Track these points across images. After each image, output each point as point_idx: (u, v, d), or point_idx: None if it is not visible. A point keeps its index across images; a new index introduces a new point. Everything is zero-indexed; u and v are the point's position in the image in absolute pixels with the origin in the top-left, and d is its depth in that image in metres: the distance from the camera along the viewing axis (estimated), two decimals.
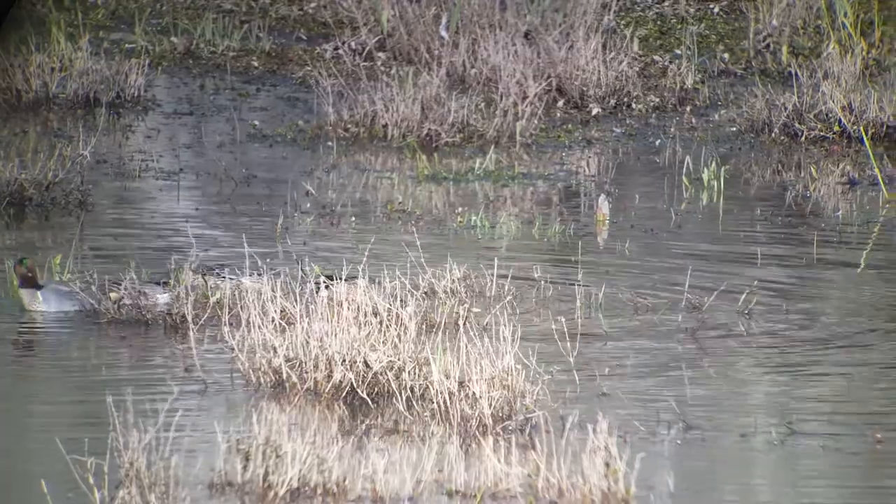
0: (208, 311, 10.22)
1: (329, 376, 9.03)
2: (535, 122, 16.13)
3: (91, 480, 7.51)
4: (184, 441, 8.19)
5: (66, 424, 8.55)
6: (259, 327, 9.18)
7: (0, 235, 12.53)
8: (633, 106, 16.80)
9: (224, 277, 10.46)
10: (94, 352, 9.83)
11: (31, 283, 10.49)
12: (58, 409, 8.85)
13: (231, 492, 7.60)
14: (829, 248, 12.69)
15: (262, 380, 9.14)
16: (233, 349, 9.26)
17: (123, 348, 9.88)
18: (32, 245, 12.18)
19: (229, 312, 9.94)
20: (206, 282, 10.47)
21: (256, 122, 16.38)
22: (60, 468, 7.81)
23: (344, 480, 7.62)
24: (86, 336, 10.11)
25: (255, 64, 17.50)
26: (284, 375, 9.08)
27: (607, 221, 13.38)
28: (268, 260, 11.13)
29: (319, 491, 7.59)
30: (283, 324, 9.35)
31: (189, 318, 9.92)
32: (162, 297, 10.29)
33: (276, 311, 9.43)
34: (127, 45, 17.42)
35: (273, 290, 9.65)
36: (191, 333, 9.77)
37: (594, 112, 16.72)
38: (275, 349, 9.08)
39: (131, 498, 7.43)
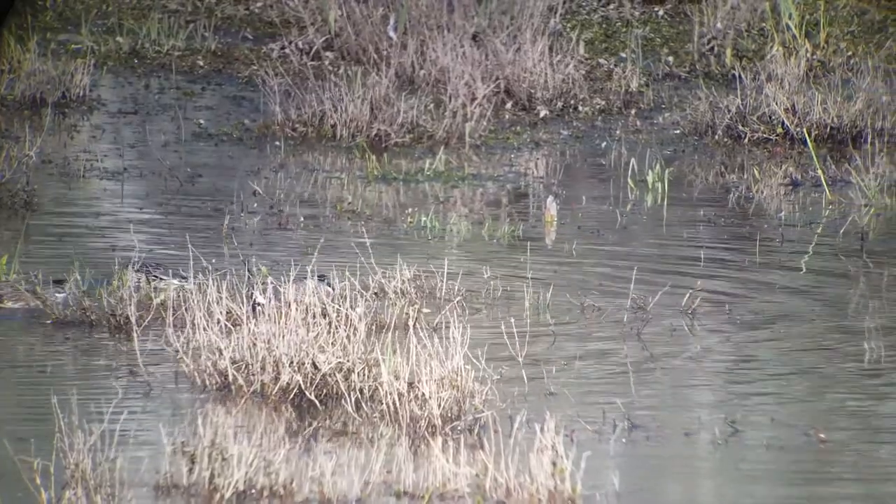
0: (152, 312, 10.18)
1: (276, 378, 9.01)
2: (484, 123, 16.16)
3: (38, 481, 7.49)
4: (129, 443, 8.16)
5: (12, 425, 8.51)
6: (204, 329, 9.15)
7: None
8: (580, 109, 16.86)
9: (157, 277, 10.45)
10: (39, 352, 9.78)
11: None
12: (3, 410, 8.80)
13: (177, 494, 7.59)
14: (771, 248, 12.79)
15: (207, 382, 9.11)
16: (177, 351, 9.23)
17: (68, 349, 9.83)
18: None
19: (174, 314, 9.90)
20: (149, 282, 10.44)
21: (202, 121, 16.31)
22: (8, 468, 7.77)
23: (291, 483, 7.62)
24: (30, 336, 10.06)
25: (201, 63, 17.44)
26: (230, 377, 9.05)
27: (555, 222, 13.43)
28: (213, 260, 11.11)
29: (266, 493, 7.59)
30: (230, 325, 9.33)
31: (133, 320, 9.87)
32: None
33: (221, 312, 9.41)
34: (74, 46, 17.34)
35: (219, 292, 9.62)
36: (134, 335, 9.73)
37: (542, 114, 16.77)
38: (220, 351, 9.06)
39: (77, 499, 7.40)
